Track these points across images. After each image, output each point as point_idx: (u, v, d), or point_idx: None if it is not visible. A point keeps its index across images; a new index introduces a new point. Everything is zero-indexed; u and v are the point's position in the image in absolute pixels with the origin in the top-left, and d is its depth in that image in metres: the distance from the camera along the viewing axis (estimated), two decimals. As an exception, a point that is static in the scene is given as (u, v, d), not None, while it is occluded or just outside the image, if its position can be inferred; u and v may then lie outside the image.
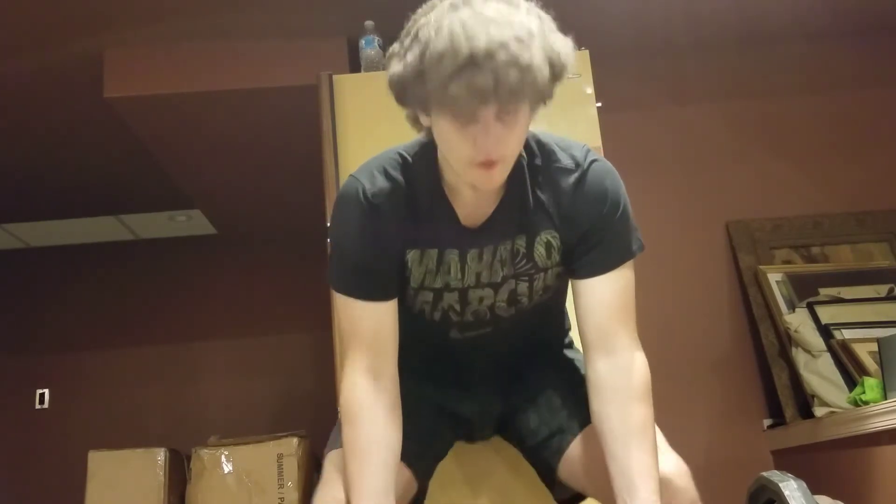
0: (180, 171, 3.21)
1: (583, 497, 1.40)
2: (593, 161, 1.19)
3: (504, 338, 1.29)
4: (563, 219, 1.18)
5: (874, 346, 2.19)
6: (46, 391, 3.96)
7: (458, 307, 1.24)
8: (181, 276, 4.15)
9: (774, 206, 2.73)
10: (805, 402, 2.37)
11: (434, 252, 1.20)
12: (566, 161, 1.19)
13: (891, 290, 2.53)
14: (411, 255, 1.20)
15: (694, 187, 2.74)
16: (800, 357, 2.41)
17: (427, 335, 1.28)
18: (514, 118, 1.02)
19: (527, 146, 1.18)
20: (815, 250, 2.69)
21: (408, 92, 1.07)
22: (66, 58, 2.54)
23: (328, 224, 1.82)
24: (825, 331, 2.41)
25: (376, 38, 2.16)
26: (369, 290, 1.18)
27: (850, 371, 2.29)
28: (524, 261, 1.21)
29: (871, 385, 2.11)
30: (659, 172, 2.72)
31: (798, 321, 2.44)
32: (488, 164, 1.05)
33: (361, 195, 1.16)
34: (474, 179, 1.10)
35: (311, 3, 2.38)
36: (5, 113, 2.85)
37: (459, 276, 1.21)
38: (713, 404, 2.54)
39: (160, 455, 2.74)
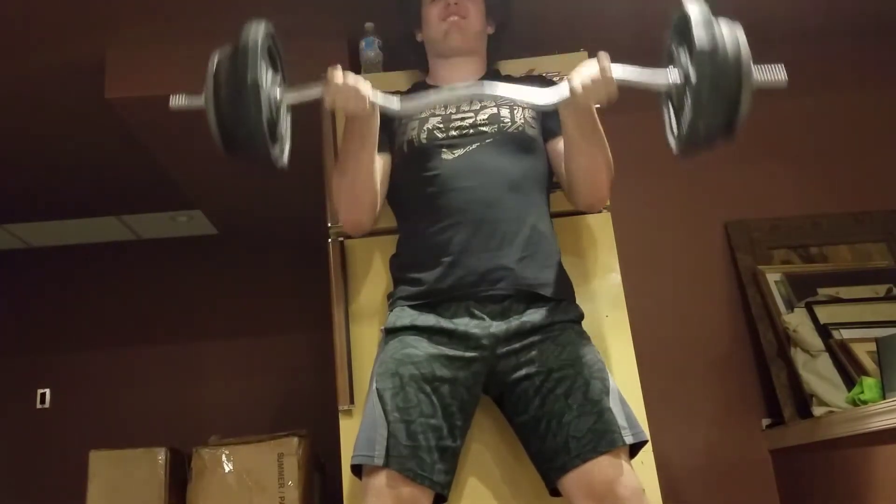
0: (181, 172, 3.21)
1: None
2: None
3: (492, 168, 1.53)
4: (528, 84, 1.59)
5: (873, 346, 2.20)
6: (47, 391, 3.96)
7: (442, 126, 1.58)
8: (182, 276, 4.16)
9: (773, 206, 2.73)
10: (804, 402, 2.37)
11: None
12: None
13: (889, 290, 2.53)
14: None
15: (692, 188, 2.75)
16: (798, 357, 2.41)
17: (425, 165, 1.56)
18: None
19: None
20: (814, 250, 2.69)
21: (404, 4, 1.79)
22: (67, 58, 2.54)
23: (328, 224, 1.85)
24: (824, 331, 2.41)
25: (376, 41, 2.17)
26: None
27: (849, 371, 2.30)
28: (503, 98, 1.57)
29: (869, 385, 2.11)
30: (657, 173, 2.73)
31: (797, 321, 2.45)
32: (455, 14, 1.64)
33: None
34: (447, 29, 1.67)
35: (311, 5, 2.39)
36: (6, 113, 2.85)
37: (442, 107, 1.60)
38: (712, 404, 2.55)
39: (161, 454, 2.74)
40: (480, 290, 1.46)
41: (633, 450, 1.42)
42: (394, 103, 1.39)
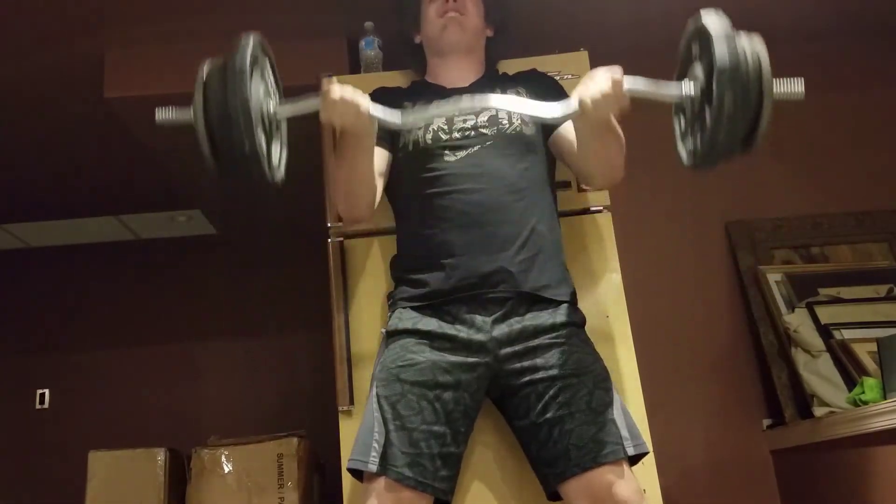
0: (181, 172, 3.21)
1: None
2: None
3: (493, 170, 1.53)
4: (525, 83, 1.68)
5: (874, 347, 2.19)
6: (47, 391, 3.96)
7: (445, 128, 1.58)
8: (181, 276, 4.16)
9: (774, 206, 2.73)
10: (804, 402, 2.37)
11: (422, 104, 1.52)
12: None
13: (890, 291, 2.53)
14: (405, 107, 1.55)
15: (693, 188, 2.74)
16: (799, 357, 2.41)
17: (428, 166, 1.55)
18: None
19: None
20: (815, 250, 2.69)
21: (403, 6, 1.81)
22: (66, 58, 2.54)
23: (328, 224, 1.85)
24: (825, 331, 2.41)
25: (376, 40, 2.17)
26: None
27: (850, 371, 2.30)
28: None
29: (870, 385, 2.11)
30: (658, 173, 2.71)
31: (797, 321, 2.44)
32: (453, 10, 1.67)
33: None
34: (445, 23, 1.68)
35: (311, 4, 2.39)
36: (6, 113, 2.85)
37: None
38: (712, 404, 2.55)
39: (160, 455, 2.74)
40: (481, 292, 1.45)
41: (634, 460, 1.42)
42: (394, 117, 1.35)
